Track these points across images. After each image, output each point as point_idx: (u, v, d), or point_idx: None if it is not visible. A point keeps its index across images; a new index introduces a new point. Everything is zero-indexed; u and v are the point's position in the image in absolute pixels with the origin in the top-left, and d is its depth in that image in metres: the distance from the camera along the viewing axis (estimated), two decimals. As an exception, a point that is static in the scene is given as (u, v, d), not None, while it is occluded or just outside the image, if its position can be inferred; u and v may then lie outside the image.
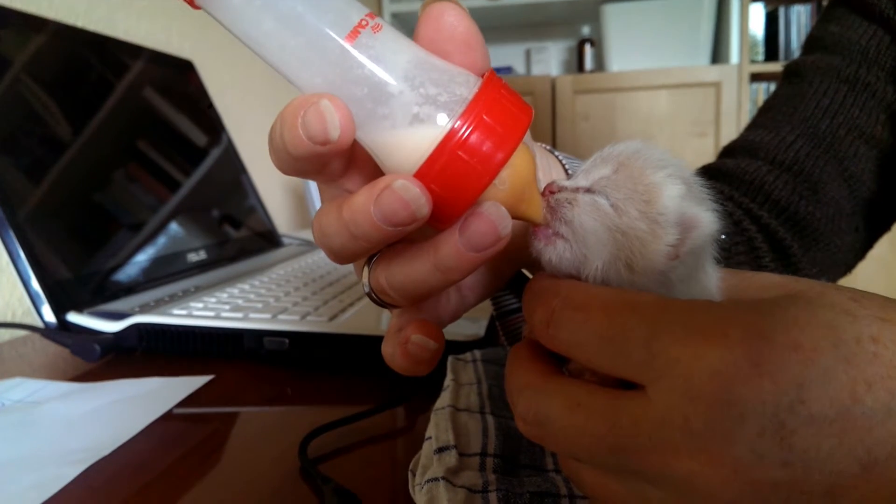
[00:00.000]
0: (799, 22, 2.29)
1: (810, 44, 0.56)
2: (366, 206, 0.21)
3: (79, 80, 0.73)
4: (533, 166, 0.23)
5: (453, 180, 0.21)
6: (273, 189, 1.36)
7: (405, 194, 0.20)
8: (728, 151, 0.58)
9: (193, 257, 0.78)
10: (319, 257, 0.88)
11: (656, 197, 0.23)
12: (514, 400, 0.23)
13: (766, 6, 2.32)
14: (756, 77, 2.23)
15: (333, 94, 0.21)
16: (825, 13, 0.56)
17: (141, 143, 0.79)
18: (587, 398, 0.21)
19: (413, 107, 0.21)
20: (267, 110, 1.42)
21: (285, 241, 1.03)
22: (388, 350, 0.27)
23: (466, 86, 0.21)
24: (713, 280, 0.24)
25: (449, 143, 0.20)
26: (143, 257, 0.70)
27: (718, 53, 2.32)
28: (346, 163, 0.24)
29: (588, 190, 0.23)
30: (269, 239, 0.98)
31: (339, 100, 0.21)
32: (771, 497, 0.18)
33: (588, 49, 2.51)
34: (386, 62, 0.21)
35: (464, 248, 0.22)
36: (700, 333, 0.19)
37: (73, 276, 0.60)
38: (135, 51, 0.84)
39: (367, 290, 0.26)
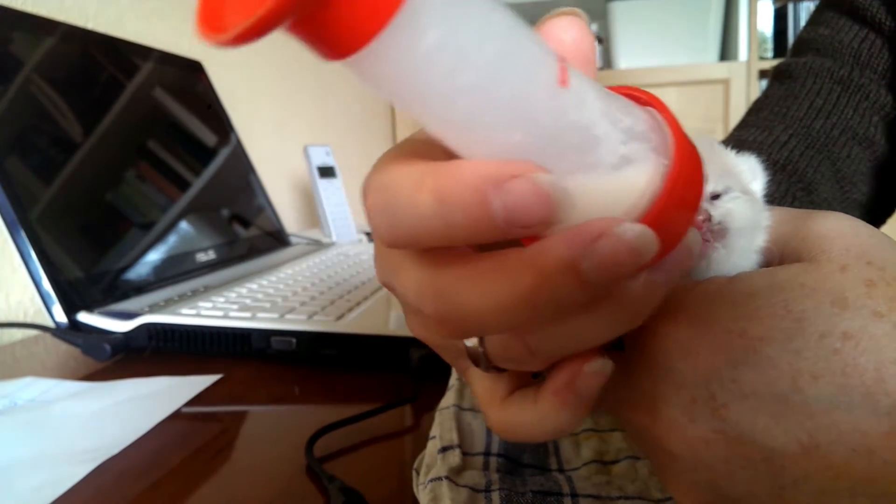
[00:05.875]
0: (808, 18, 2.27)
1: (800, 46, 0.55)
2: (568, 261, 0.16)
3: (89, 82, 0.74)
4: None
5: (673, 219, 0.17)
6: (281, 188, 1.36)
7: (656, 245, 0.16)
8: None
9: (202, 257, 0.78)
10: (326, 256, 0.89)
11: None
12: None
13: (774, 2, 2.31)
14: (765, 74, 2.21)
15: (533, 150, 0.16)
16: (814, 17, 0.55)
17: (150, 143, 0.80)
18: None
19: (619, 146, 0.17)
20: (275, 111, 1.43)
21: (293, 240, 1.04)
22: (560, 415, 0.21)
23: (638, 109, 0.18)
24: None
25: (676, 178, 0.17)
26: (152, 257, 0.71)
27: (727, 50, 2.31)
28: None
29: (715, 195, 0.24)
30: (277, 238, 0.99)
31: (541, 167, 0.16)
32: (706, 452, 0.20)
33: (595, 47, 2.50)
34: (589, 99, 0.17)
35: (663, 284, 0.18)
36: (664, 312, 0.21)
37: (83, 276, 0.61)
38: (144, 52, 0.84)
39: (471, 345, 0.21)
